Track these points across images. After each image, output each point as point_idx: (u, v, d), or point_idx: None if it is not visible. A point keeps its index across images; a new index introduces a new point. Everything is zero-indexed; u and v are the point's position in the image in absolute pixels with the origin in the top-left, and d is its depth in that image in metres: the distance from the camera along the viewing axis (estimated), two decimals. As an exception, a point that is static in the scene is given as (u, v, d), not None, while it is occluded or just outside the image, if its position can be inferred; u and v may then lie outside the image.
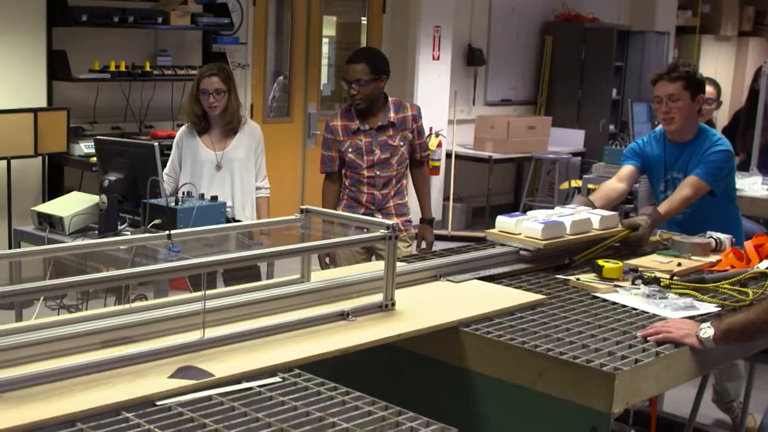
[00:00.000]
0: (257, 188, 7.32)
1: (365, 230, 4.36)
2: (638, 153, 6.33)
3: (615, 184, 6.26)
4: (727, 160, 6.06)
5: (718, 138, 6.16)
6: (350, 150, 6.87)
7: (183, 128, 7.30)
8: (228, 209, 6.71)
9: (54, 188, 9.62)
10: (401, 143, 6.89)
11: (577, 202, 5.89)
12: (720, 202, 6.14)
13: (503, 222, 5.09)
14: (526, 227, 4.96)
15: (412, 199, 7.25)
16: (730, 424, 6.96)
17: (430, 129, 13.26)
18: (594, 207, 5.65)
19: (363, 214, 6.66)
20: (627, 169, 6.29)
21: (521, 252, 5.00)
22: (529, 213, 5.26)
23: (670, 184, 6.17)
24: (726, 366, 6.23)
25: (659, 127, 6.36)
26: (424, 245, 7.13)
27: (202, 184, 7.09)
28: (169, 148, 8.90)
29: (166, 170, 7.14)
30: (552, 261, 5.00)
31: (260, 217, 7.28)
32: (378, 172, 6.87)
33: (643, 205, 8.36)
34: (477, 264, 4.76)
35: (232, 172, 7.20)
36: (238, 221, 7.11)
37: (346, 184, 7.01)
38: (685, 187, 5.88)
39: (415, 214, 7.27)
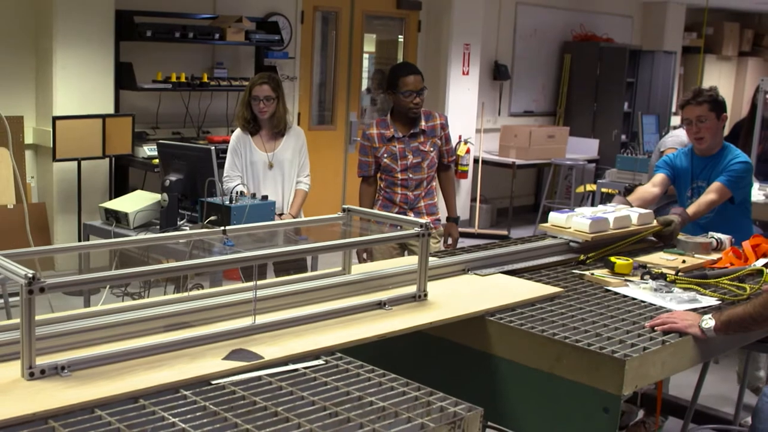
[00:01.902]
0: (298, 181, 7.34)
1: (399, 228, 4.36)
2: (669, 165, 6.45)
3: (649, 188, 6.42)
4: (747, 171, 6.15)
5: (739, 152, 6.28)
6: (385, 155, 6.88)
7: (237, 132, 7.30)
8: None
9: (120, 187, 9.65)
10: (431, 149, 6.90)
11: (616, 202, 5.98)
12: (738, 209, 6.20)
13: (555, 217, 5.32)
14: (575, 222, 5.15)
15: (440, 199, 7.26)
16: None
17: (460, 137, 13.29)
18: (631, 206, 5.76)
19: (397, 212, 6.66)
20: (660, 176, 6.43)
21: (571, 244, 5.19)
22: (576, 210, 5.46)
23: (695, 192, 6.25)
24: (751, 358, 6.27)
25: (689, 145, 6.45)
26: (450, 241, 7.14)
27: (257, 182, 7.17)
28: (224, 151, 8.92)
29: (226, 171, 7.19)
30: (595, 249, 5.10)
31: (294, 205, 7.30)
32: (410, 175, 6.87)
33: (653, 208, 8.35)
34: (501, 259, 4.75)
35: (282, 171, 7.23)
36: (282, 213, 7.19)
37: (382, 186, 7.02)
38: (711, 193, 5.99)
39: (442, 213, 7.29)
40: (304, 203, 7.38)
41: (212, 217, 6.25)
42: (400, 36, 13.70)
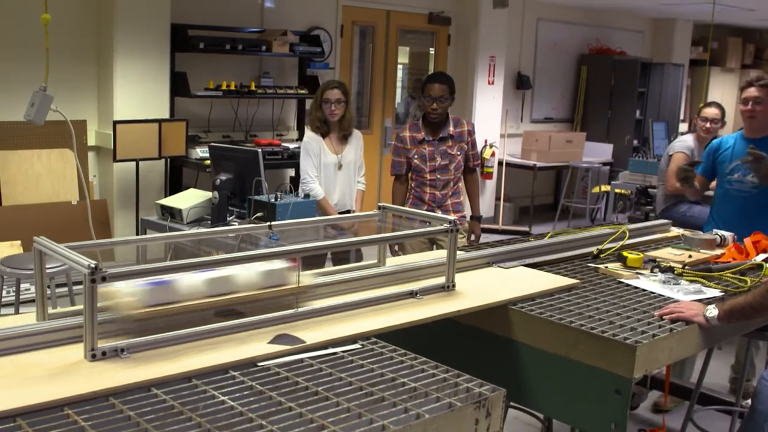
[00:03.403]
0: (358, 182, 7.41)
1: (428, 224, 4.35)
2: (710, 153, 6.60)
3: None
4: None
5: None
6: (416, 156, 6.88)
7: (309, 134, 7.33)
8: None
9: (174, 185, 9.68)
10: (458, 153, 6.90)
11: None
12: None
13: None
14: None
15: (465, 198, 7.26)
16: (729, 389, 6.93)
17: (485, 141, 13.30)
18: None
19: (425, 210, 6.66)
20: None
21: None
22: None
23: (736, 169, 6.28)
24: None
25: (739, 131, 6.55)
26: (473, 238, 7.14)
27: (329, 183, 7.23)
28: (271, 153, 8.94)
29: (304, 173, 7.19)
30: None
31: (356, 204, 7.41)
32: (438, 176, 6.87)
33: (661, 207, 8.32)
34: (523, 253, 4.73)
35: (348, 171, 7.29)
36: (349, 211, 7.29)
37: (412, 185, 7.02)
38: None
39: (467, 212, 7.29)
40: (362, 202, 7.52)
41: (259, 213, 6.26)
42: (431, 49, 13.71)
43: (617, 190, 10.90)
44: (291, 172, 10.62)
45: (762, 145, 6.14)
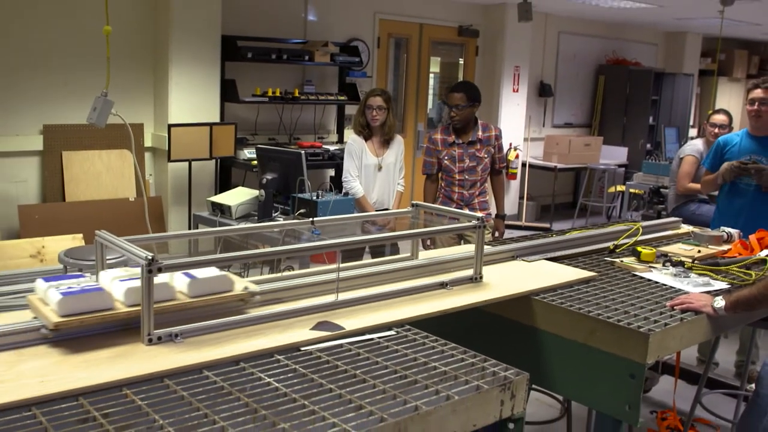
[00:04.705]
0: (398, 183, 7.43)
1: (457, 220, 4.34)
2: (718, 150, 6.64)
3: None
4: None
5: None
6: (446, 158, 6.88)
7: (353, 137, 7.36)
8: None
9: (224, 184, 9.72)
10: (485, 155, 6.89)
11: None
12: None
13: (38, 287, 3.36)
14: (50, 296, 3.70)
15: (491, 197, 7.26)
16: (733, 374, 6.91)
17: (510, 144, 13.29)
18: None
19: (454, 208, 6.65)
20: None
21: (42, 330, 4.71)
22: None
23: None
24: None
25: (744, 129, 6.58)
26: (497, 234, 7.13)
27: (369, 182, 7.29)
28: (312, 155, 8.94)
29: (346, 173, 7.27)
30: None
31: (394, 204, 7.42)
32: (466, 176, 6.87)
33: (673, 206, 8.28)
34: (544, 247, 4.71)
35: (387, 172, 7.31)
36: (387, 209, 7.30)
37: (442, 185, 7.02)
38: None
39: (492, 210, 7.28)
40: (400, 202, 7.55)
41: (302, 210, 6.27)
42: (460, 59, 13.71)
43: (632, 190, 10.84)
44: (331, 172, 10.64)
45: (766, 142, 6.28)
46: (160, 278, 2.94)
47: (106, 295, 2.93)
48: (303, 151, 6.78)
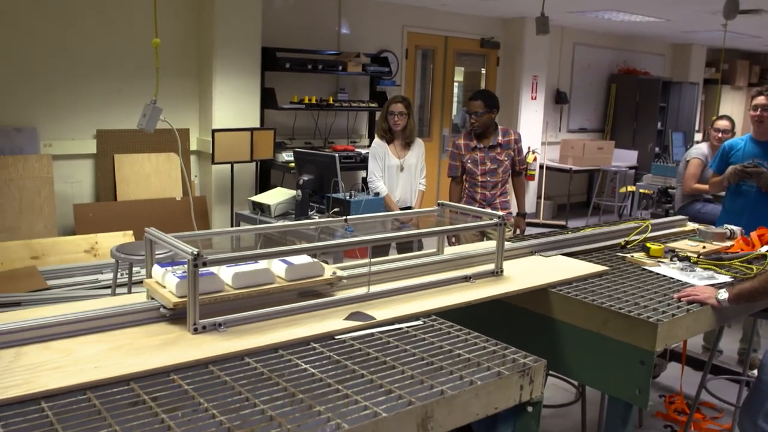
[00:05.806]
0: (419, 183, 7.43)
1: (480, 219, 4.34)
2: (724, 154, 6.58)
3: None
4: None
5: None
6: (469, 161, 6.87)
7: (376, 141, 7.39)
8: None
9: (264, 184, 9.73)
10: (505, 159, 6.87)
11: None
12: None
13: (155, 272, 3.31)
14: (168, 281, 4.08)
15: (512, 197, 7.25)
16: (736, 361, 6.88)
17: (528, 148, 13.26)
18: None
19: (477, 207, 6.65)
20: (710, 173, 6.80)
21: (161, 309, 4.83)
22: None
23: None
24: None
25: (748, 134, 6.53)
26: (518, 232, 7.12)
27: (392, 182, 7.31)
28: (346, 158, 8.94)
29: (371, 173, 7.32)
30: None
31: (416, 201, 7.44)
32: (488, 178, 6.85)
33: (679, 205, 8.24)
34: (561, 243, 4.70)
35: (409, 173, 7.33)
36: (410, 207, 7.32)
37: (466, 186, 7.01)
38: None
39: (513, 209, 7.25)
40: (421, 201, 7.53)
41: (336, 209, 6.27)
42: (482, 69, 13.67)
43: (641, 191, 10.78)
44: (363, 174, 10.61)
45: (766, 146, 6.26)
46: (258, 265, 3.20)
47: (218, 279, 3.09)
48: (337, 155, 6.79)
